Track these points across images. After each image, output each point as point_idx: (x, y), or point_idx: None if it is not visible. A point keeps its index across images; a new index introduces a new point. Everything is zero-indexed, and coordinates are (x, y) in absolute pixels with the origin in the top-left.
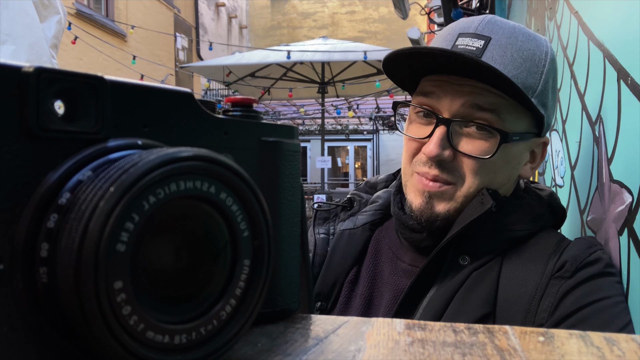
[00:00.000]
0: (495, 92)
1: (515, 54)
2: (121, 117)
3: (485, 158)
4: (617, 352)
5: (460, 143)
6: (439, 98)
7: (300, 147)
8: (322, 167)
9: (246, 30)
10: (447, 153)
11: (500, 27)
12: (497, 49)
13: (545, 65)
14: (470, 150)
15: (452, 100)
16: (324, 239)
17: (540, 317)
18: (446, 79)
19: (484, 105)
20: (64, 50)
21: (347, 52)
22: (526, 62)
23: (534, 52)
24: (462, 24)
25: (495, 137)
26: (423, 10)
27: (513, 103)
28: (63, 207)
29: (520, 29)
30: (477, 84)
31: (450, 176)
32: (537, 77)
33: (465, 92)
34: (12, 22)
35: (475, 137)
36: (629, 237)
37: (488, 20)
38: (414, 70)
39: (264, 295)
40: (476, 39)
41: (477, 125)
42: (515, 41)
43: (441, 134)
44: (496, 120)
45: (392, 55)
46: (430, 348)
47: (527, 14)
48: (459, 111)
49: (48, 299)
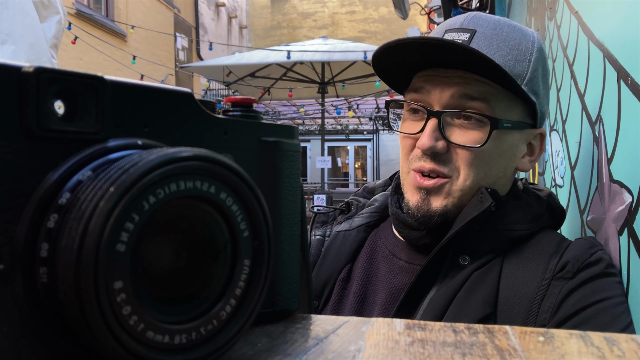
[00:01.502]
0: (484, 81)
1: (501, 44)
2: (121, 117)
3: (478, 147)
4: (617, 352)
5: (453, 134)
6: (428, 92)
7: (300, 147)
8: (322, 167)
9: (246, 30)
10: (441, 144)
11: (485, 20)
12: (483, 40)
13: (532, 54)
14: (463, 141)
15: (442, 92)
16: (320, 240)
17: (541, 317)
18: (435, 73)
19: (474, 94)
20: (64, 50)
21: (347, 52)
22: (513, 51)
23: (520, 41)
24: (449, 21)
25: (487, 125)
26: (423, 10)
27: (503, 91)
28: (63, 207)
29: (506, 21)
30: (466, 74)
31: (445, 168)
32: (524, 64)
33: (454, 82)
34: (12, 22)
35: (467, 127)
36: (629, 237)
37: (473, 16)
38: (405, 68)
39: (264, 295)
40: (462, 32)
41: (468, 114)
42: (501, 32)
43: (433, 126)
44: (486, 108)
45: (380, 50)
46: (430, 348)
47: (527, 14)
48: (449, 102)
49: (48, 299)
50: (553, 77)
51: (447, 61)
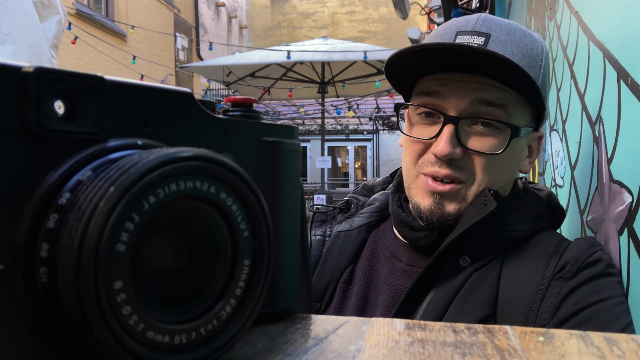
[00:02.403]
0: (501, 87)
1: (515, 49)
2: (121, 117)
3: (497, 154)
4: (617, 352)
5: (470, 141)
6: (444, 97)
7: (300, 147)
8: (322, 167)
9: (246, 30)
10: (458, 151)
11: (497, 24)
12: (498, 45)
13: (542, 60)
14: (481, 147)
15: (460, 98)
16: (320, 241)
17: (541, 318)
18: (450, 76)
19: (493, 100)
20: (64, 50)
21: (347, 52)
22: (526, 57)
23: (531, 47)
24: (458, 22)
25: (504, 132)
26: (423, 10)
27: (517, 97)
28: (63, 207)
29: (516, 25)
30: (483, 79)
31: (461, 174)
32: (537, 70)
33: (472, 88)
34: (12, 22)
35: (484, 134)
36: (629, 237)
37: (484, 18)
38: (415, 69)
39: (264, 295)
40: (476, 36)
41: (486, 121)
42: (514, 37)
43: (450, 132)
44: (504, 115)
45: (401, 52)
46: (430, 348)
47: (527, 14)
48: (466, 108)
49: (48, 299)
50: (553, 77)
51: (467, 66)
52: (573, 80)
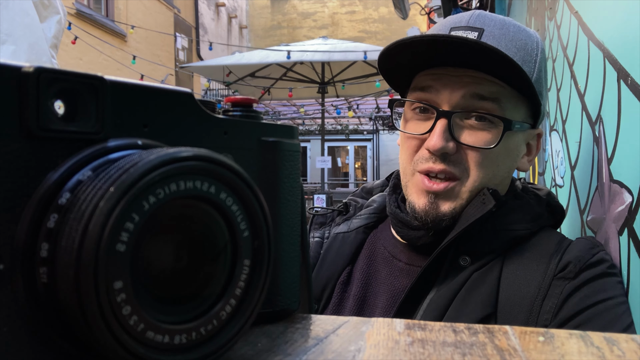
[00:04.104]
0: (494, 81)
1: (509, 44)
2: (121, 117)
3: (490, 148)
4: (617, 352)
5: (462, 135)
6: (437, 91)
7: (300, 147)
8: (322, 167)
9: (246, 30)
10: (451, 145)
11: (491, 20)
12: (491, 39)
13: (537, 55)
14: (474, 142)
15: (452, 92)
16: (318, 242)
17: (543, 318)
18: (443, 71)
19: (485, 94)
20: (64, 50)
21: (347, 52)
22: (520, 52)
23: (525, 42)
24: (453, 19)
25: (498, 126)
26: (423, 10)
27: (511, 91)
28: (63, 207)
29: (510, 21)
30: (476, 73)
31: (455, 169)
32: (531, 65)
33: (464, 82)
34: (12, 22)
35: (477, 128)
36: (629, 237)
37: (478, 14)
38: (409, 65)
39: (264, 295)
40: (470, 31)
41: (479, 115)
42: (508, 32)
43: (443, 126)
44: (497, 109)
45: (392, 46)
46: (430, 348)
47: (527, 14)
48: (459, 103)
49: (48, 299)
50: (553, 77)
51: (458, 60)
52: (573, 80)
